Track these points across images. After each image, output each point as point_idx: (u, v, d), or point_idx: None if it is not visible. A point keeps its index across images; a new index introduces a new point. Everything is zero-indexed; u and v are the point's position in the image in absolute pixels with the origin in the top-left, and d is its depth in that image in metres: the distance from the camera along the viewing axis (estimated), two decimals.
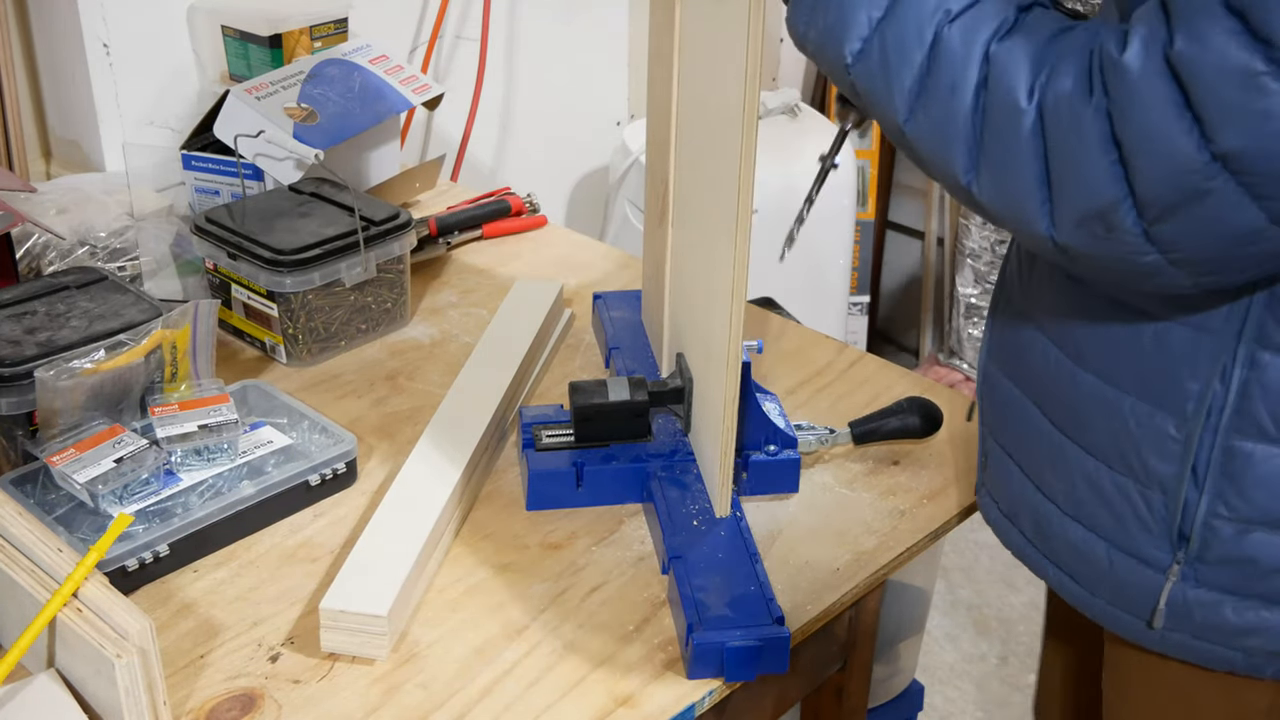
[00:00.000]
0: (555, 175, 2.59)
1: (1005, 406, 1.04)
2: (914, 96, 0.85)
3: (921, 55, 0.84)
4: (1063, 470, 0.98)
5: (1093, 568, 0.98)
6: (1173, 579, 0.93)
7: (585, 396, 1.19)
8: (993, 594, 2.56)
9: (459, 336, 1.50)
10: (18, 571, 0.94)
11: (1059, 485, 0.99)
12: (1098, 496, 0.95)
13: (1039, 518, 1.02)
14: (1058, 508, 0.99)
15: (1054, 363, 0.97)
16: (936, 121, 0.84)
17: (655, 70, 1.29)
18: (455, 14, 2.24)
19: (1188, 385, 0.88)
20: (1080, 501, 0.97)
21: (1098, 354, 0.93)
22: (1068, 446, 0.97)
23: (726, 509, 1.12)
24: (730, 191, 1.00)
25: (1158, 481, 0.91)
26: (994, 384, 1.06)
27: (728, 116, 1.00)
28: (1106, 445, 0.94)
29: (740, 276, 1.02)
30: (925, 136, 0.85)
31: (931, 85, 0.84)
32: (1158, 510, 0.92)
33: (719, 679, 0.99)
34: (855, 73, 0.88)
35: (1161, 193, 0.76)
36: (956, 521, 1.21)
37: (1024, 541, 1.05)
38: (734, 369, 1.05)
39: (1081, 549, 0.98)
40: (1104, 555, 0.96)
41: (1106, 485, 0.95)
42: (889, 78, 0.86)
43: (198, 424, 1.17)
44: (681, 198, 1.21)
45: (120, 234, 1.56)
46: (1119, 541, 0.95)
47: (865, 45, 0.86)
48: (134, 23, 1.80)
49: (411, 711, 0.96)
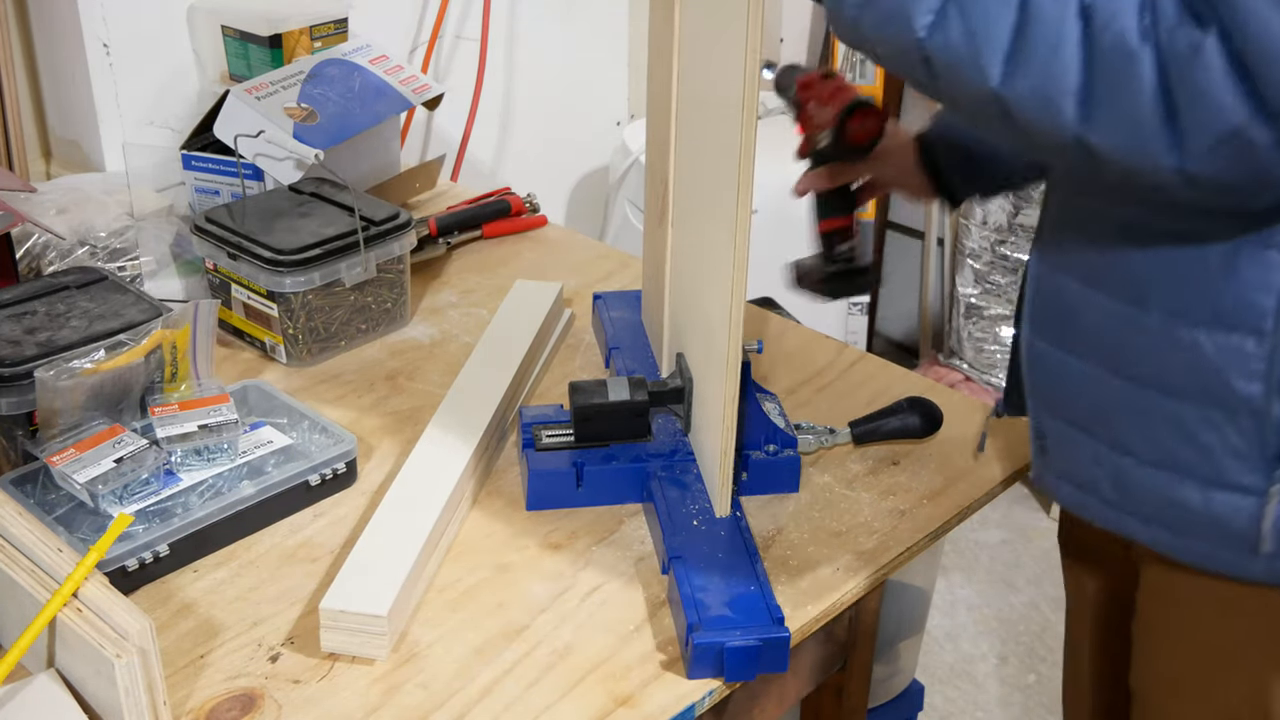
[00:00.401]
0: (555, 175, 2.59)
1: (1063, 377, 1.04)
2: (1009, 60, 0.84)
3: (1012, 17, 0.83)
4: (1139, 421, 0.98)
5: (1186, 510, 0.98)
6: (1274, 501, 0.93)
7: (585, 396, 1.19)
8: (993, 594, 2.56)
9: (459, 336, 1.50)
10: (18, 571, 0.94)
11: (1137, 436, 0.99)
12: (1182, 436, 0.96)
13: (1120, 477, 1.01)
14: (1137, 460, 0.99)
15: (1113, 317, 0.97)
16: (1039, 80, 0.83)
17: (655, 69, 1.29)
18: (455, 14, 2.24)
19: (1262, 301, 0.89)
20: (1164, 447, 0.97)
21: (1163, 293, 0.94)
22: (1143, 395, 0.97)
23: (727, 509, 1.12)
24: (730, 191, 1.00)
25: (1245, 405, 0.92)
26: (1046, 362, 1.06)
27: (727, 116, 1.00)
28: (1185, 382, 0.94)
29: (740, 276, 1.02)
30: (1025, 96, 0.84)
31: (1029, 45, 0.83)
32: (1249, 434, 0.92)
33: (719, 679, 0.99)
34: (931, 45, 0.87)
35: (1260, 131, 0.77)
36: (956, 521, 1.20)
37: (1105, 506, 1.04)
38: (734, 369, 1.05)
39: (1170, 495, 0.98)
40: (1196, 496, 0.96)
41: (1191, 422, 0.95)
42: (976, 45, 0.85)
43: (198, 424, 1.17)
44: (681, 197, 1.21)
45: (120, 234, 1.56)
46: (1211, 476, 0.95)
47: (940, 17, 0.86)
48: (134, 23, 1.81)
49: (411, 711, 0.96)
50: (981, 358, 2.97)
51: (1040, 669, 2.38)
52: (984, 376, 2.94)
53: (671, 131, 1.21)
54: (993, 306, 2.93)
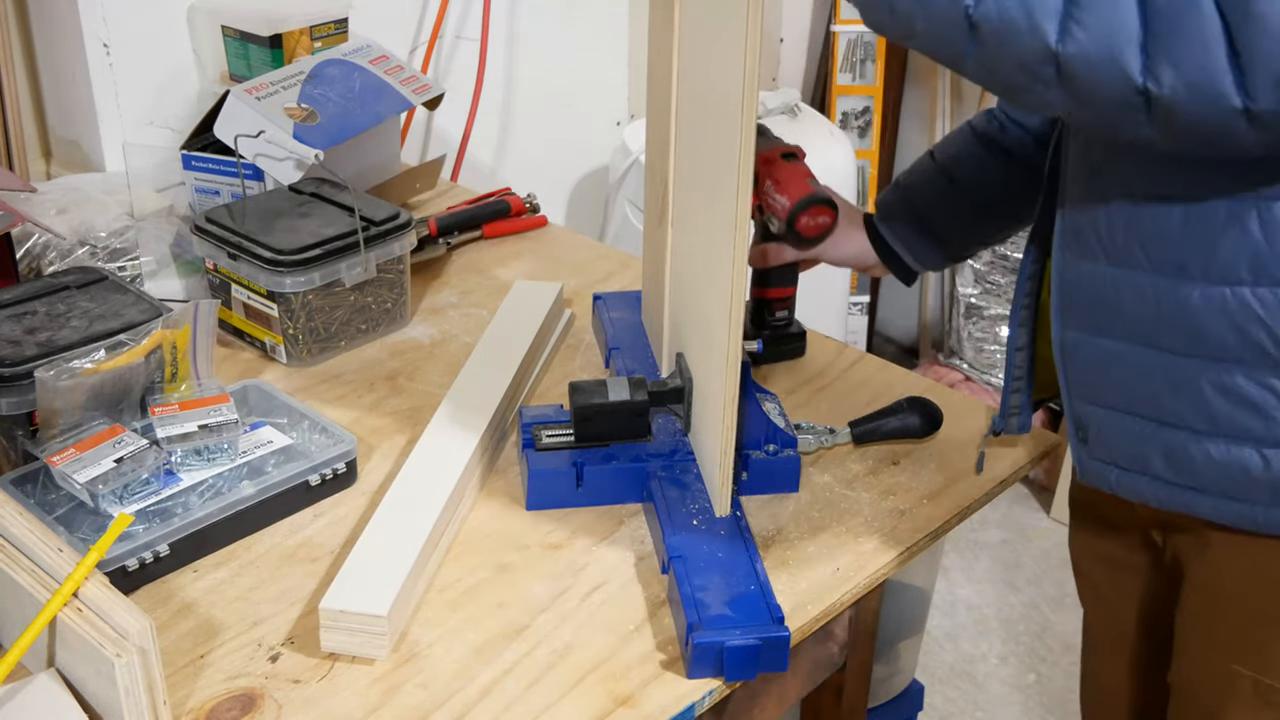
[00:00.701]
0: (555, 175, 2.59)
1: (1102, 365, 1.05)
2: (1064, 16, 0.84)
3: None
4: (1189, 392, 0.99)
5: (1245, 475, 0.98)
6: None
7: (585, 396, 1.19)
8: (993, 594, 2.56)
9: (459, 336, 1.50)
10: (18, 571, 0.94)
11: (1188, 408, 0.99)
12: (1235, 401, 0.97)
13: (1171, 452, 1.02)
14: (1191, 431, 1.00)
15: (1154, 291, 0.98)
16: (1099, 33, 0.84)
17: (655, 68, 1.29)
18: (455, 14, 2.24)
19: None
20: (1215, 414, 0.98)
21: (1204, 259, 0.95)
22: (1189, 365, 0.98)
23: (726, 508, 1.12)
24: (730, 191, 1.00)
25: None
26: (1081, 350, 1.06)
27: (727, 116, 1.00)
28: (1234, 344, 0.95)
29: (740, 276, 1.02)
30: (1086, 51, 0.85)
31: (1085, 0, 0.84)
32: None
33: (719, 679, 0.99)
34: (981, 13, 0.87)
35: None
36: (956, 521, 1.20)
37: (1159, 485, 1.05)
38: (734, 369, 1.05)
39: (1227, 462, 0.99)
40: (1255, 458, 0.97)
41: (1242, 385, 0.96)
42: (1030, 4, 0.85)
43: (198, 424, 1.17)
44: (681, 197, 1.21)
45: (120, 234, 1.56)
46: (1267, 436, 0.96)
47: None
48: (134, 23, 1.81)
49: (411, 711, 0.96)
50: (981, 358, 2.97)
51: (1040, 669, 2.38)
52: (984, 376, 2.94)
53: (671, 131, 1.21)
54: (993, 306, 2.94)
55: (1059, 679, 2.35)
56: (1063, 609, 2.51)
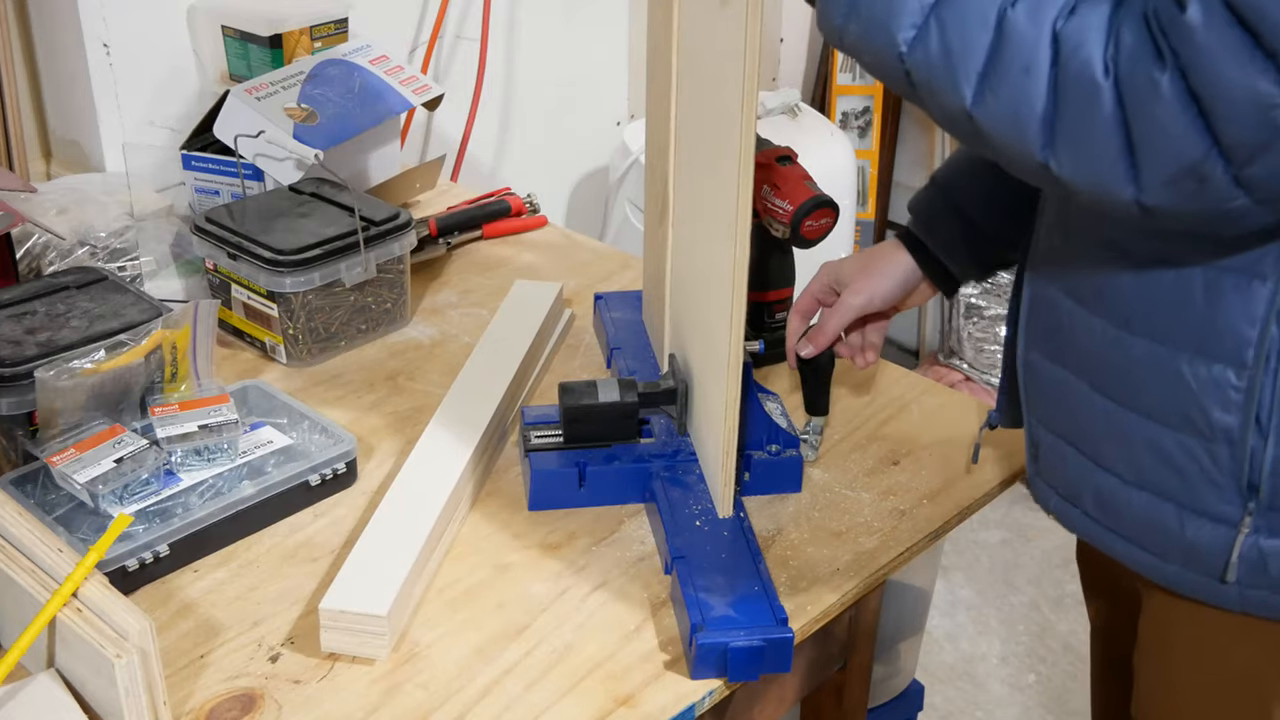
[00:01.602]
0: (555, 175, 2.58)
1: (1054, 391, 1.04)
2: (982, 80, 0.85)
3: (988, 38, 0.84)
4: (1122, 441, 0.98)
5: (1162, 533, 0.98)
6: (1244, 532, 0.93)
7: (575, 398, 1.19)
8: (993, 594, 2.56)
9: (459, 336, 1.49)
10: (18, 571, 0.94)
11: (1119, 456, 0.99)
12: (1161, 460, 0.96)
13: (1101, 494, 1.02)
14: (1120, 479, 1.00)
15: (1100, 335, 0.98)
16: (1009, 103, 0.84)
17: (654, 69, 1.29)
18: (455, 14, 2.24)
19: (1245, 332, 0.89)
20: (1143, 469, 0.97)
21: (1147, 316, 0.94)
22: (1125, 415, 0.97)
23: (729, 510, 1.12)
24: (730, 192, 1.00)
25: (1222, 434, 0.92)
26: (1039, 371, 1.06)
27: (727, 117, 0.99)
28: (1166, 406, 0.94)
29: (740, 278, 1.01)
30: (996, 118, 0.85)
31: (1002, 68, 0.84)
32: (1224, 464, 0.93)
33: (721, 679, 0.99)
34: (911, 60, 0.87)
35: (1247, 136, 0.77)
36: (956, 521, 1.20)
37: (1088, 521, 1.05)
38: (735, 370, 1.05)
39: (1148, 516, 0.98)
40: (1173, 518, 0.97)
41: (1169, 447, 0.95)
42: (952, 63, 0.85)
43: (198, 424, 1.17)
44: (682, 198, 1.21)
45: (120, 234, 1.56)
46: (1187, 501, 0.96)
47: (921, 32, 0.86)
48: (134, 23, 1.80)
49: (411, 711, 0.96)
50: (981, 358, 2.97)
51: (1040, 669, 2.38)
52: (984, 376, 2.94)
53: (671, 131, 1.21)
54: (993, 306, 2.93)
55: (1059, 679, 2.35)
56: (1062, 609, 2.51)
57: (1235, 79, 0.76)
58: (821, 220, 1.33)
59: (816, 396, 1.28)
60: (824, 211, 1.32)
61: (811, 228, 1.32)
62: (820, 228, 1.33)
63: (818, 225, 1.33)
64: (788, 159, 1.35)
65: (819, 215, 1.32)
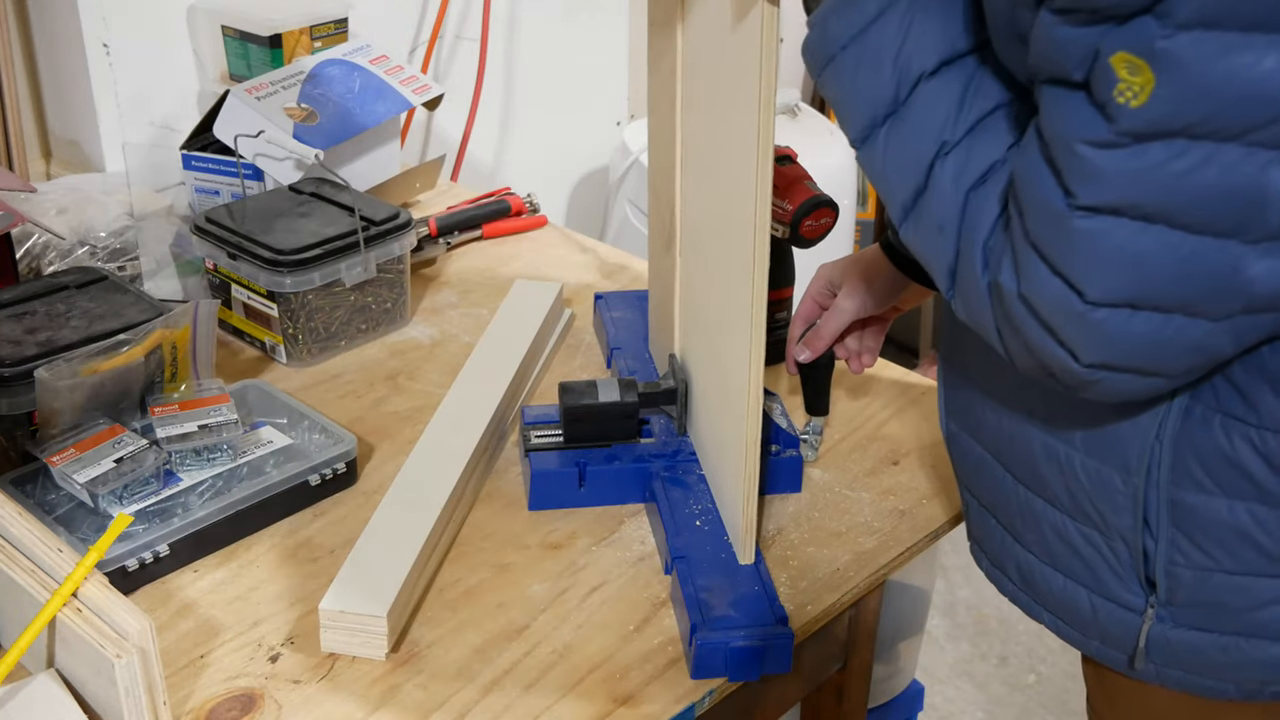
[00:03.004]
0: (555, 175, 2.58)
1: (972, 462, 1.04)
2: (907, 212, 0.87)
3: (916, 180, 0.86)
4: (1032, 523, 0.98)
5: (1078, 613, 0.98)
6: (1149, 621, 0.93)
7: (575, 397, 1.19)
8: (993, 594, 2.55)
9: (459, 336, 1.49)
10: (18, 571, 0.94)
11: (1032, 537, 0.99)
12: (1068, 547, 0.96)
13: (1022, 567, 1.02)
14: (1036, 558, 1.00)
15: (1006, 421, 0.98)
16: (924, 242, 0.87)
17: (656, 94, 1.26)
18: (455, 14, 2.24)
19: (1129, 441, 0.89)
20: (1054, 552, 0.98)
21: (1045, 412, 0.94)
22: (1033, 500, 0.97)
23: (750, 557, 1.08)
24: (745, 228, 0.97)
25: (1117, 532, 0.92)
26: (957, 441, 1.06)
27: (740, 148, 0.97)
28: (1066, 499, 0.94)
29: (759, 319, 0.98)
30: (915, 245, 0.89)
31: (924, 213, 0.86)
32: (1123, 558, 0.93)
33: (722, 679, 0.99)
34: (860, 156, 0.90)
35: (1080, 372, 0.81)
36: (956, 521, 1.20)
37: (1015, 589, 1.05)
38: (754, 415, 1.02)
39: (1064, 596, 0.98)
40: (1086, 601, 0.97)
41: (1074, 536, 0.95)
42: (888, 186, 0.88)
43: (198, 424, 1.17)
44: (689, 225, 1.19)
45: (120, 234, 1.56)
46: (1096, 587, 0.96)
47: (871, 139, 0.88)
48: (134, 23, 1.80)
49: (411, 711, 0.96)
50: None
51: (1040, 669, 2.38)
52: None
53: (676, 156, 1.19)
54: None
55: (1059, 679, 2.35)
56: None
57: (1039, 344, 0.81)
58: (821, 220, 1.33)
59: (816, 397, 1.28)
60: (824, 211, 1.32)
61: (811, 227, 1.33)
62: (820, 228, 1.33)
63: (818, 225, 1.33)
64: (788, 159, 1.35)
65: (819, 215, 1.32)
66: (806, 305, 1.28)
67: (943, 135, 0.84)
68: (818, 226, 1.33)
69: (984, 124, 0.84)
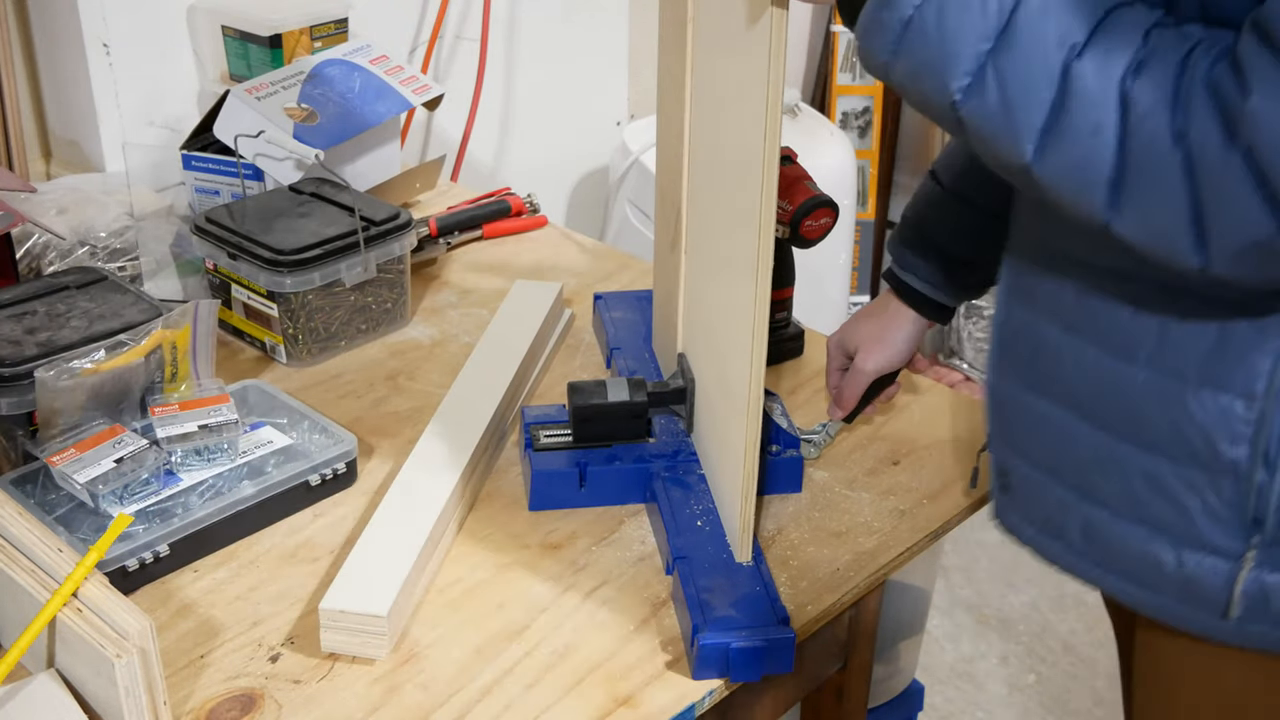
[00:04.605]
0: (555, 175, 2.58)
1: (1032, 421, 1.01)
2: (1044, 135, 0.81)
3: (1051, 94, 0.80)
4: (1114, 473, 0.95)
5: (1156, 567, 0.95)
6: (1248, 566, 0.91)
7: (584, 397, 1.19)
8: (993, 594, 2.56)
9: (459, 336, 1.49)
10: (18, 571, 0.94)
11: (1111, 489, 0.96)
12: (1158, 493, 0.93)
13: (1089, 527, 0.98)
14: (1111, 512, 0.96)
15: (1094, 365, 0.94)
16: (1073, 161, 0.81)
17: (665, 94, 1.26)
18: (455, 14, 2.24)
19: (1257, 363, 0.87)
20: (1139, 502, 0.94)
21: (1153, 350, 0.91)
22: (1119, 447, 0.94)
23: (748, 555, 1.08)
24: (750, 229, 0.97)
25: (1228, 466, 0.89)
26: (1016, 404, 1.03)
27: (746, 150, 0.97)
28: (1168, 438, 0.92)
29: (762, 321, 0.98)
30: (1057, 175, 0.82)
31: (1067, 126, 0.80)
32: (1227, 497, 0.90)
33: (723, 679, 0.99)
34: (965, 109, 0.83)
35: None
36: (956, 521, 1.20)
37: (1071, 555, 1.01)
38: (755, 415, 1.02)
39: (1143, 550, 0.95)
40: (1169, 553, 0.94)
41: (1168, 480, 0.92)
42: (1012, 116, 0.81)
43: (198, 424, 1.17)
44: (695, 225, 1.19)
45: (120, 234, 1.56)
46: (1185, 535, 0.93)
47: (976, 80, 0.82)
48: (134, 23, 1.80)
49: (411, 711, 0.96)
50: (981, 358, 2.97)
51: (1040, 669, 2.38)
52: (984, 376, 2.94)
53: (684, 157, 1.19)
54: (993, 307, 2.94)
55: (1059, 679, 2.35)
56: (1062, 609, 2.51)
57: (1247, 211, 0.75)
58: (821, 220, 1.33)
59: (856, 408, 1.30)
60: (823, 211, 1.32)
61: (811, 227, 1.33)
62: (820, 227, 1.33)
63: (817, 225, 1.33)
64: (787, 159, 1.35)
65: (819, 215, 1.32)
66: (834, 378, 1.31)
67: (1067, 39, 0.79)
68: (818, 226, 1.33)
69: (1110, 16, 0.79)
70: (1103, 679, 2.34)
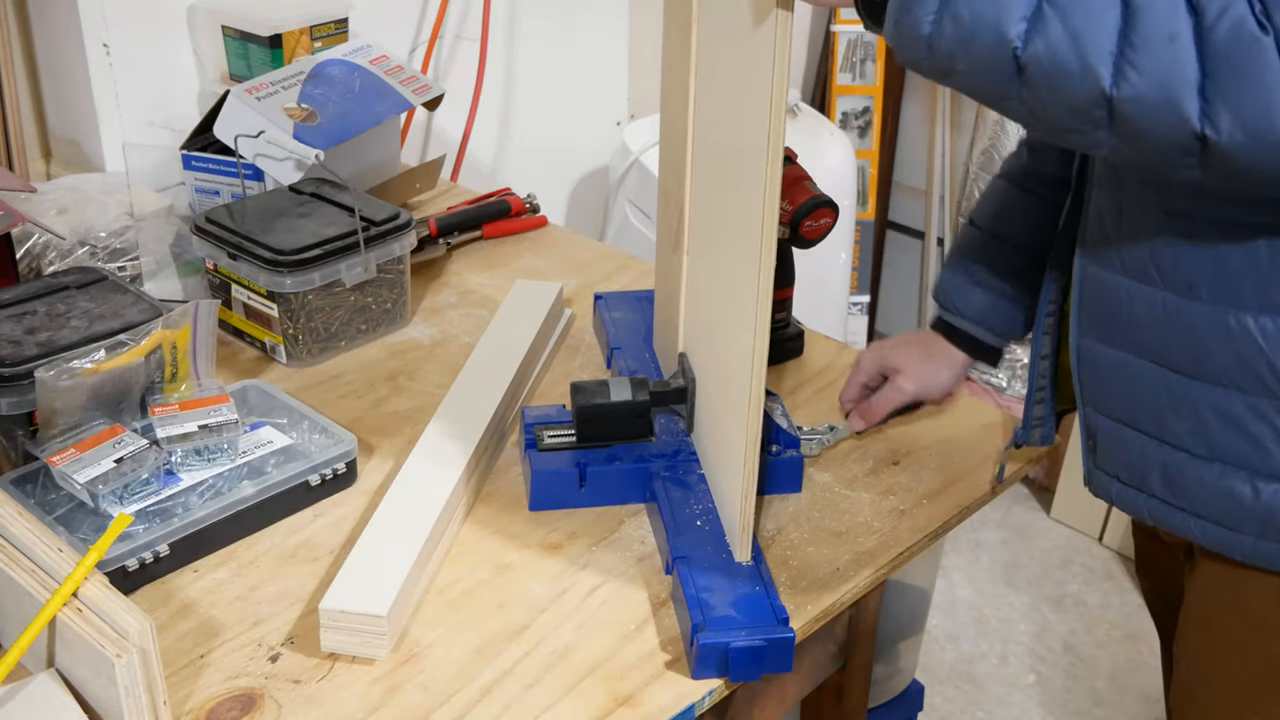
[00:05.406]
0: (555, 175, 2.58)
1: (1111, 375, 1.04)
2: (1119, 57, 0.81)
3: (1115, 14, 0.81)
4: (1188, 412, 0.98)
5: (1236, 503, 0.98)
6: None
7: (587, 396, 1.19)
8: (993, 594, 2.56)
9: (459, 336, 1.50)
10: (18, 571, 0.94)
11: (1186, 429, 0.99)
12: (1231, 427, 0.96)
13: (1169, 471, 1.02)
14: (1188, 454, 1.00)
15: (1161, 307, 0.98)
16: (1156, 76, 0.80)
17: (669, 93, 1.26)
18: (455, 14, 2.24)
19: None
20: (1213, 439, 0.98)
21: (1212, 282, 0.94)
22: (1190, 386, 0.98)
23: (747, 555, 1.08)
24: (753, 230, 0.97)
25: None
26: (1095, 358, 1.06)
27: (749, 151, 0.97)
28: (1234, 369, 0.95)
29: (763, 320, 0.98)
30: (1141, 96, 0.81)
31: (1140, 41, 0.80)
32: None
33: (723, 679, 0.99)
34: (1029, 54, 0.83)
35: None
36: (956, 521, 1.20)
37: (1155, 502, 1.04)
38: (755, 413, 1.02)
39: (1220, 488, 0.98)
40: (1246, 486, 0.97)
41: (1239, 411, 0.95)
42: (1081, 47, 0.81)
43: (198, 424, 1.17)
44: (697, 225, 1.19)
45: (120, 234, 1.56)
46: (1261, 466, 0.96)
47: (1035, 20, 0.82)
48: (134, 23, 1.80)
49: (411, 711, 0.96)
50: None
51: (1040, 669, 2.38)
52: (984, 377, 2.94)
53: (687, 157, 1.19)
54: None
55: (1059, 679, 2.35)
56: (1062, 609, 2.51)
57: None
58: (821, 220, 1.33)
59: None
60: (823, 211, 1.32)
61: (811, 228, 1.33)
62: (820, 228, 1.33)
63: (817, 225, 1.33)
64: (788, 159, 1.35)
65: (818, 215, 1.32)
66: (853, 392, 1.31)
67: None
68: (818, 227, 1.33)
69: None
70: (1103, 679, 2.34)
